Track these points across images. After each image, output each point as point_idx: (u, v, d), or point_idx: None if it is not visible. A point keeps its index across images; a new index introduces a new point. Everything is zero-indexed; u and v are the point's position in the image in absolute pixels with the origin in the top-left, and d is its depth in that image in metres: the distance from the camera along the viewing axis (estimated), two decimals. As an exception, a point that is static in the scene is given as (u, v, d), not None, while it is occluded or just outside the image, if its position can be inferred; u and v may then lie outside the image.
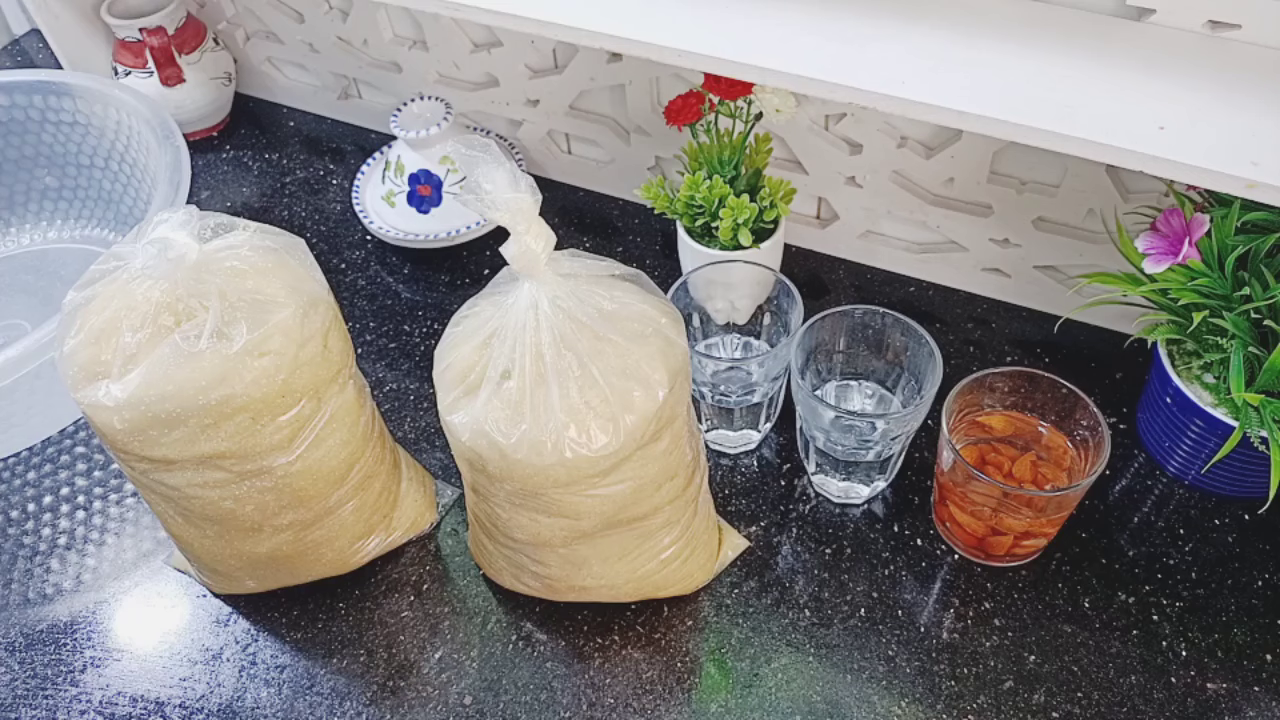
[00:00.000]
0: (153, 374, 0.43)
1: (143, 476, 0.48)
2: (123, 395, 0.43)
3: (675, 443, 0.47)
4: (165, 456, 0.46)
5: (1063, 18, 0.52)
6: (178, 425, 0.44)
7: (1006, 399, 0.56)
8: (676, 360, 0.46)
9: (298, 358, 0.46)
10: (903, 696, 0.52)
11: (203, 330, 0.43)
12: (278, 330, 0.45)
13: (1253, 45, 0.49)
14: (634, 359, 0.45)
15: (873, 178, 0.68)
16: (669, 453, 0.47)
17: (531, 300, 0.44)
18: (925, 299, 0.72)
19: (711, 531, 0.56)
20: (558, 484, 0.45)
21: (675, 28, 0.53)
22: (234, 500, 0.48)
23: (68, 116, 0.78)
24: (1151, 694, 0.51)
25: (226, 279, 0.45)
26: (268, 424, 0.46)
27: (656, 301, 0.48)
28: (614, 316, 0.45)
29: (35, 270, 0.80)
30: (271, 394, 0.45)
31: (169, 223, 0.44)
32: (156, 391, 0.43)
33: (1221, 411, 0.53)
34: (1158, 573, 0.56)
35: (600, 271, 0.47)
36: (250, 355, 0.44)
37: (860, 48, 0.51)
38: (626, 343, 0.45)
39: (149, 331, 0.43)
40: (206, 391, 0.44)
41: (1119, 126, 0.46)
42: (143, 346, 0.43)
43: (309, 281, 0.48)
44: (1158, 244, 0.52)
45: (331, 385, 0.49)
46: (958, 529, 0.56)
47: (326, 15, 0.84)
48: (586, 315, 0.44)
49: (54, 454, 0.67)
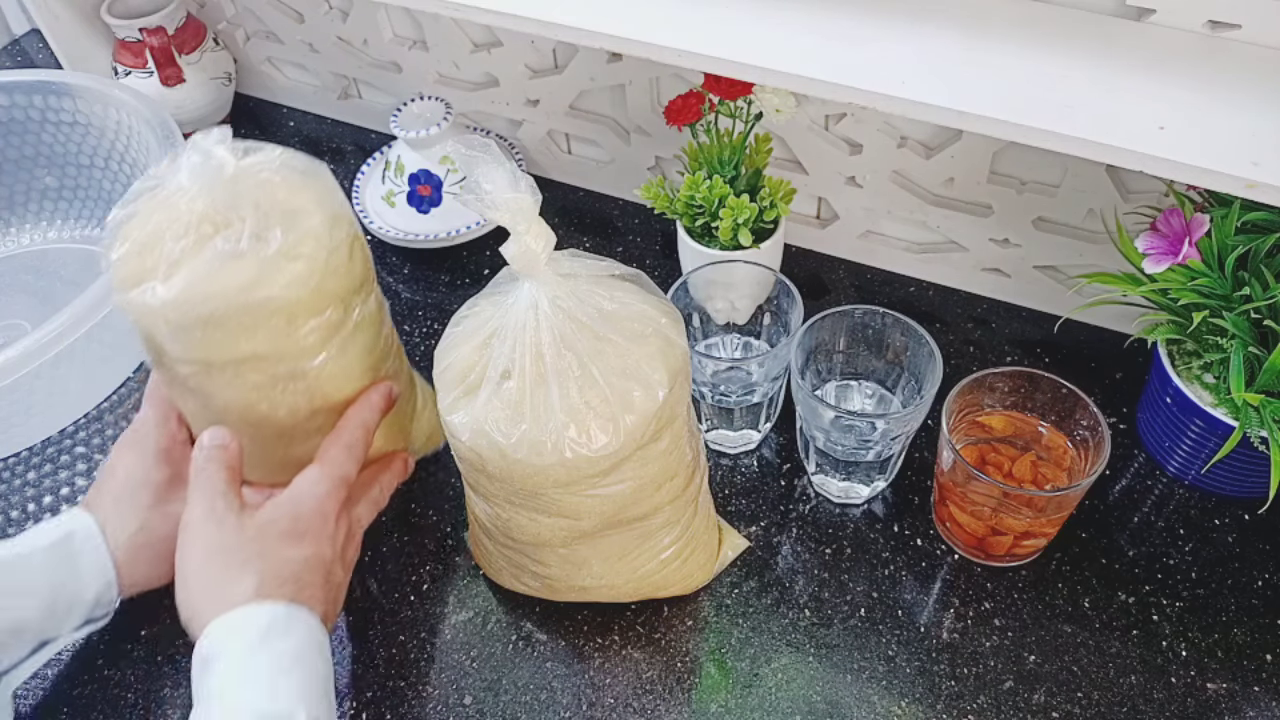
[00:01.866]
0: (196, 276, 0.46)
1: (185, 383, 0.51)
2: (169, 296, 0.46)
3: (675, 442, 0.47)
4: (206, 358, 0.49)
5: (1063, 18, 0.52)
6: (219, 326, 0.47)
7: (1006, 399, 0.56)
8: (676, 360, 0.46)
9: (327, 264, 0.49)
10: (903, 696, 0.52)
11: (242, 235, 0.47)
12: (309, 235, 0.49)
13: (1253, 45, 0.49)
14: (634, 359, 0.45)
15: (873, 178, 0.68)
16: (669, 452, 0.47)
17: (531, 300, 0.44)
18: (925, 299, 0.72)
19: (711, 532, 0.56)
20: (558, 484, 0.45)
21: (675, 28, 0.53)
22: (269, 404, 0.51)
23: (68, 116, 0.78)
24: (1151, 694, 0.51)
25: (260, 191, 0.49)
26: (300, 327, 0.49)
27: (656, 302, 0.48)
28: (614, 317, 0.46)
29: (35, 270, 0.80)
30: (304, 296, 0.48)
31: (207, 140, 0.47)
32: (200, 292, 0.46)
33: (1221, 411, 0.53)
34: (1158, 573, 0.56)
35: (600, 271, 0.47)
36: (285, 258, 0.48)
37: (860, 48, 0.51)
38: (626, 343, 0.45)
39: (191, 239, 0.47)
40: (245, 291, 0.47)
41: (1119, 126, 0.46)
42: (186, 253, 0.47)
43: (334, 197, 0.52)
44: (1158, 244, 0.52)
45: (356, 295, 0.52)
46: (958, 529, 0.56)
47: (326, 15, 0.84)
48: (586, 315, 0.45)
49: (54, 454, 0.67)
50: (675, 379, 0.46)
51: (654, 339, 0.46)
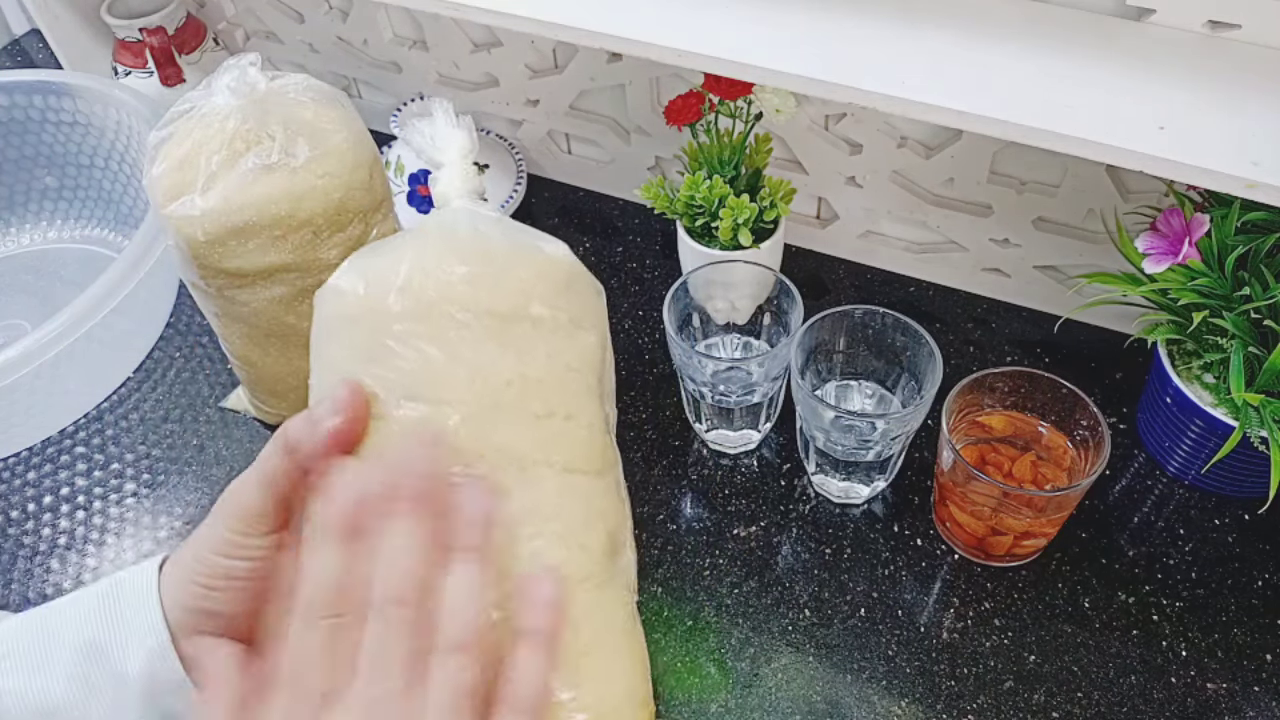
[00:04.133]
0: (230, 189, 0.51)
1: (218, 294, 0.55)
2: (206, 206, 0.51)
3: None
4: (239, 268, 0.53)
5: (1062, 17, 0.52)
6: (251, 236, 0.52)
7: (1006, 399, 0.56)
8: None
9: (350, 181, 0.53)
10: (903, 696, 0.52)
11: (272, 150, 0.51)
12: (334, 152, 0.53)
13: (1253, 45, 0.49)
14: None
15: (873, 178, 0.68)
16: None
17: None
18: (925, 299, 0.72)
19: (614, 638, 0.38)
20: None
21: (675, 28, 0.53)
22: (295, 315, 0.56)
23: (68, 116, 0.78)
24: (1151, 694, 0.51)
25: (288, 109, 0.53)
26: (326, 239, 0.53)
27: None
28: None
29: (35, 270, 0.80)
30: (330, 210, 0.53)
31: (240, 62, 0.52)
32: (235, 203, 0.51)
33: (1221, 411, 0.53)
34: (1158, 573, 0.56)
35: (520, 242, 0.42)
36: (312, 173, 0.52)
37: (860, 48, 0.51)
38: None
39: (225, 155, 0.51)
40: (277, 203, 0.51)
41: (1119, 126, 0.46)
42: (221, 167, 0.51)
43: (355, 120, 0.56)
44: (1158, 244, 0.52)
45: (376, 214, 0.56)
46: (958, 529, 0.56)
47: (326, 15, 0.84)
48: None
49: (54, 454, 0.67)
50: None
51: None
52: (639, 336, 0.71)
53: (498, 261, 0.37)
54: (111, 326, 0.62)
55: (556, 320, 0.37)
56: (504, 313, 0.36)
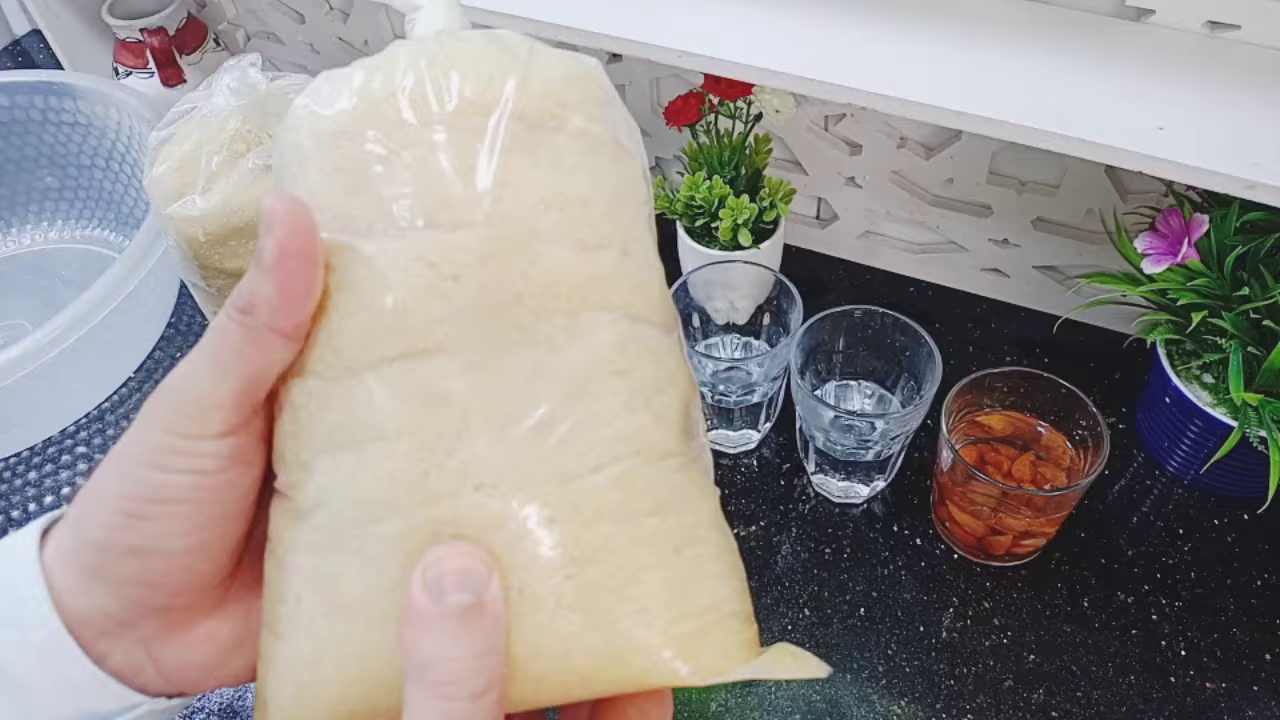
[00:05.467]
0: (231, 189, 0.51)
1: (219, 295, 0.55)
2: (206, 206, 0.51)
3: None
4: (240, 269, 0.53)
5: (1062, 18, 0.52)
6: (252, 237, 0.52)
7: (1006, 399, 0.56)
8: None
9: None
10: (902, 696, 0.52)
11: (272, 151, 0.51)
12: None
13: (1252, 45, 0.49)
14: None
15: (872, 178, 0.68)
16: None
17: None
18: (925, 299, 0.72)
19: (727, 579, 0.29)
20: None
21: (675, 29, 0.53)
22: None
23: (69, 117, 0.78)
24: (1150, 693, 0.51)
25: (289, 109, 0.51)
26: None
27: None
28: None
29: (36, 270, 0.80)
30: None
31: (240, 63, 0.51)
32: (236, 203, 0.50)
33: (1220, 411, 0.53)
34: (1157, 572, 0.56)
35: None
36: None
37: (860, 48, 0.51)
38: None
39: (226, 155, 0.51)
40: None
41: (1118, 127, 0.46)
42: (222, 168, 0.51)
43: None
44: (1157, 244, 0.52)
45: None
46: (957, 529, 0.56)
47: (327, 16, 0.84)
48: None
49: (55, 454, 0.67)
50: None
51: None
52: (639, 336, 0.71)
53: (522, 59, 0.29)
54: (112, 327, 0.62)
55: (599, 137, 0.29)
56: (534, 119, 0.28)
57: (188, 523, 0.26)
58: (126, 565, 0.26)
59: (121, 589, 0.26)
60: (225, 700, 0.54)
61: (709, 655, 0.26)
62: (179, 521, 0.25)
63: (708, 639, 0.26)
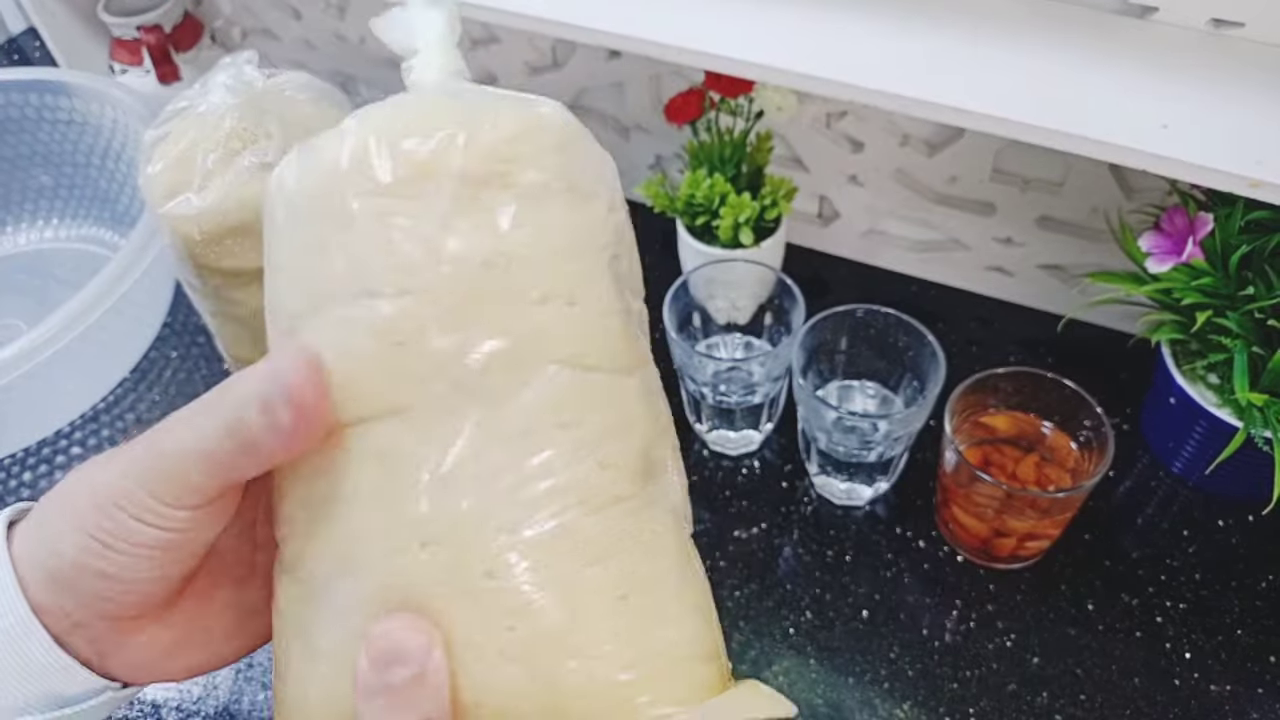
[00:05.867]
0: (227, 187, 0.50)
1: (215, 294, 0.55)
2: (203, 205, 0.50)
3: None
4: (236, 268, 0.52)
5: (1065, 15, 0.52)
6: (248, 235, 0.51)
7: (1010, 399, 0.55)
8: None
9: None
10: (905, 699, 0.51)
11: (269, 149, 0.50)
12: None
13: (1256, 43, 0.49)
14: None
15: (875, 176, 0.68)
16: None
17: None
18: (928, 298, 0.71)
19: (694, 615, 0.29)
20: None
21: (676, 25, 0.53)
22: None
23: (64, 115, 0.78)
24: (1155, 696, 0.51)
25: (285, 107, 0.52)
26: None
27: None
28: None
29: (31, 270, 0.80)
30: None
31: (236, 60, 0.51)
32: (232, 201, 0.50)
33: (1225, 412, 0.53)
34: (1161, 574, 0.55)
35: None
36: None
37: (862, 45, 0.51)
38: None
39: (221, 153, 0.50)
40: None
41: (1122, 125, 0.45)
42: (217, 166, 0.50)
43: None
44: (1161, 243, 0.52)
45: None
46: (961, 530, 0.55)
47: (324, 12, 0.83)
48: None
49: (50, 455, 0.67)
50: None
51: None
52: (639, 336, 0.70)
53: (471, 120, 0.29)
54: (107, 327, 0.62)
55: (549, 187, 0.29)
56: (479, 177, 0.28)
57: (154, 562, 0.29)
58: (93, 583, 0.29)
59: (81, 597, 0.29)
60: (223, 703, 0.54)
61: (656, 698, 0.26)
62: (146, 560, 0.28)
63: (655, 683, 0.26)
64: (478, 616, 0.26)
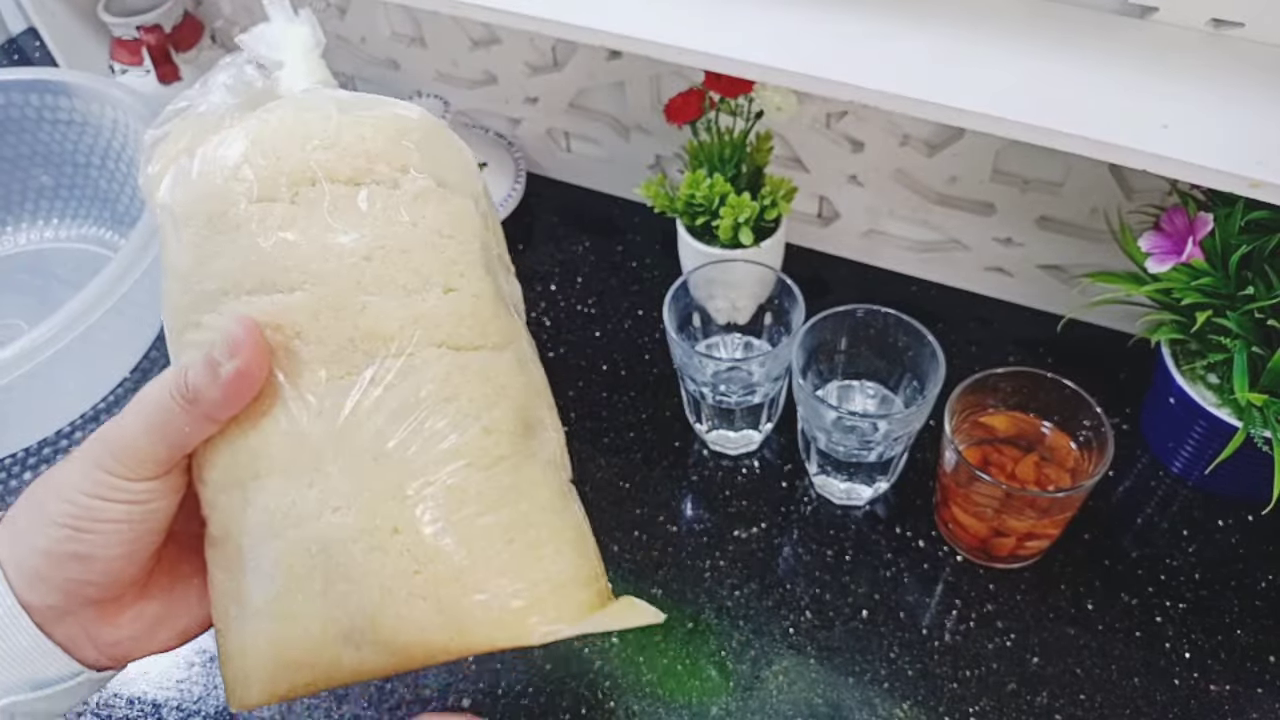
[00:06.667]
0: None
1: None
2: None
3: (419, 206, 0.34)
4: None
5: (1066, 15, 0.52)
6: None
7: (1009, 399, 0.55)
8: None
9: None
10: (905, 699, 0.51)
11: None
12: None
13: (1256, 43, 0.49)
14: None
15: (875, 176, 0.68)
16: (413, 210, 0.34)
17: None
18: (928, 298, 0.71)
19: (570, 537, 0.34)
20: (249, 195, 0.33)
21: (675, 25, 0.53)
22: None
23: (64, 115, 0.78)
24: (1154, 696, 0.51)
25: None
26: None
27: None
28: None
29: (32, 270, 0.80)
30: None
31: (237, 59, 0.49)
32: None
33: (1225, 412, 0.53)
34: (1161, 574, 0.55)
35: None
36: None
37: (862, 45, 0.51)
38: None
39: None
40: None
41: (1122, 125, 0.45)
42: None
43: None
44: (1161, 243, 0.52)
45: None
46: (960, 530, 0.55)
47: (324, 13, 0.83)
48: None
49: (50, 454, 0.67)
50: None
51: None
52: (639, 336, 0.70)
53: (334, 124, 0.33)
54: (108, 326, 0.62)
55: (416, 184, 0.33)
56: (349, 177, 0.32)
57: (121, 536, 0.32)
58: (70, 569, 0.32)
59: (63, 586, 0.32)
60: (221, 703, 0.54)
61: (543, 619, 0.31)
62: (114, 535, 0.32)
63: (542, 606, 0.31)
64: (389, 564, 0.30)
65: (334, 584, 0.31)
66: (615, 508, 0.60)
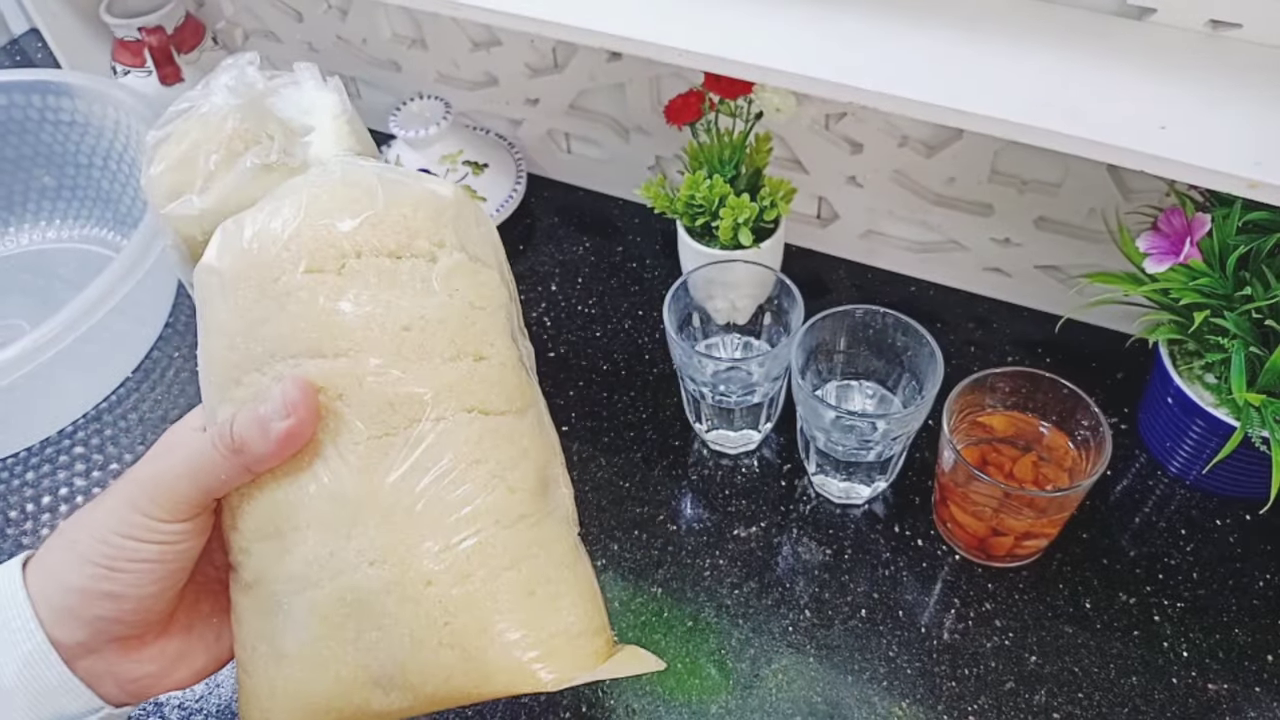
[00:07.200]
0: (229, 189, 0.49)
1: None
2: (205, 205, 0.49)
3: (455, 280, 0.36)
4: None
5: (1064, 17, 0.52)
6: None
7: (1008, 399, 0.55)
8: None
9: None
10: (903, 697, 0.52)
11: (271, 149, 0.50)
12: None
13: (1254, 44, 0.49)
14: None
15: (873, 177, 0.68)
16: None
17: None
18: (926, 299, 0.71)
19: (581, 589, 0.36)
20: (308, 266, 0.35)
21: (675, 27, 0.53)
22: None
23: (66, 116, 0.78)
24: (1152, 695, 0.51)
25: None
26: None
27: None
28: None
29: (34, 270, 0.80)
30: None
31: (239, 61, 0.51)
32: (234, 202, 0.49)
33: (1223, 412, 0.53)
34: (1159, 573, 0.56)
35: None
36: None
37: (861, 47, 0.51)
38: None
39: (223, 154, 0.50)
40: None
41: (1120, 126, 0.46)
42: (219, 167, 0.50)
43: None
44: (1159, 243, 0.52)
45: None
46: (958, 529, 0.56)
47: (325, 14, 0.83)
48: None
49: (53, 454, 0.67)
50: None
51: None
52: (639, 336, 0.70)
53: (379, 199, 0.35)
54: (110, 327, 0.62)
55: (451, 258, 0.35)
56: (391, 251, 0.35)
57: (153, 575, 0.34)
58: (100, 606, 0.34)
59: (92, 623, 0.34)
60: (225, 700, 0.54)
61: (559, 668, 0.33)
62: (146, 575, 0.34)
63: (558, 656, 0.33)
64: (421, 615, 0.33)
65: (365, 632, 0.33)
66: (615, 507, 0.61)
